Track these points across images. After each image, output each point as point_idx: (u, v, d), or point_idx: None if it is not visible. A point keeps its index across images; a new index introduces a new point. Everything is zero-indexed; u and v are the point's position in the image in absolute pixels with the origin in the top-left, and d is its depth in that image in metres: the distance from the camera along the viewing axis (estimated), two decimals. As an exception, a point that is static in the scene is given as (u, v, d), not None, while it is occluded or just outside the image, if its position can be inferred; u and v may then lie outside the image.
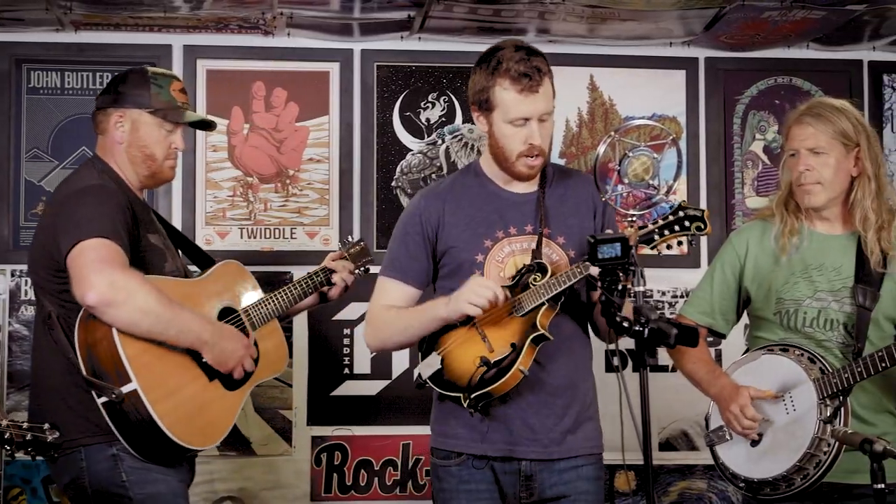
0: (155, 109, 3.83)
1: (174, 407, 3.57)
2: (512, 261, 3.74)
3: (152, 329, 3.52)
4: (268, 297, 4.05)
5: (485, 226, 3.77)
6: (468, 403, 3.61)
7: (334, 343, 5.45)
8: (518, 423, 3.71)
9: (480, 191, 3.83)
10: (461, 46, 5.52)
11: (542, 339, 3.59)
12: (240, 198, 5.44)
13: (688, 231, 3.41)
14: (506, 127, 3.68)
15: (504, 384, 3.57)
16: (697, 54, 5.69)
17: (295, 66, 5.49)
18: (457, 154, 5.55)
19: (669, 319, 3.20)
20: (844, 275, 3.89)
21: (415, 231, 3.83)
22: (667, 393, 5.32)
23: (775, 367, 3.86)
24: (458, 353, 3.68)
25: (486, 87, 3.69)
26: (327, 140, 5.49)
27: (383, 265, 3.90)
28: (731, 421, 3.85)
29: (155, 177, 3.90)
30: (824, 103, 3.94)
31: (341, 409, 5.44)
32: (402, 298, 3.83)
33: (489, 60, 3.70)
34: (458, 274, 3.76)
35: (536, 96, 3.64)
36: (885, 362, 3.66)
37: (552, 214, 3.79)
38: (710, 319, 4.08)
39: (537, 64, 3.64)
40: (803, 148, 3.87)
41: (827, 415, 3.70)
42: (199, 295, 3.83)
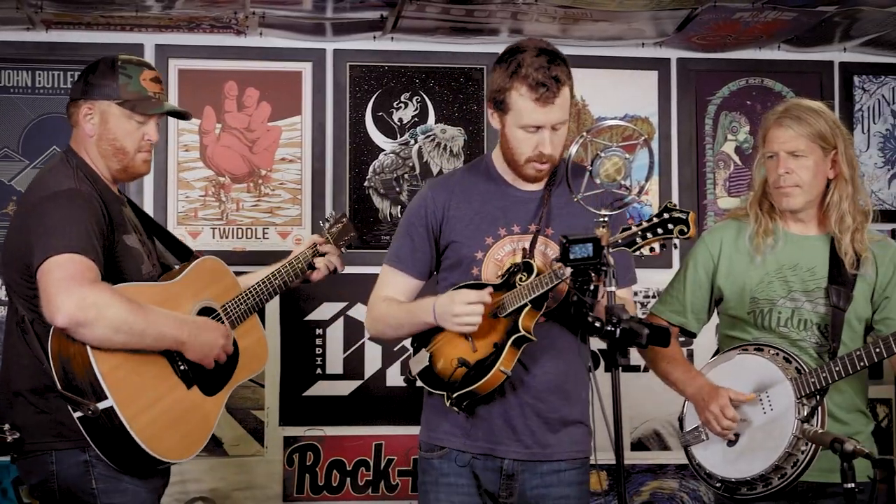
0: (123, 101, 3.72)
1: (152, 420, 3.50)
2: (511, 259, 3.74)
3: (127, 342, 3.44)
4: (247, 293, 3.96)
5: (488, 222, 3.78)
6: (450, 402, 3.63)
7: (306, 343, 5.46)
8: (500, 422, 3.72)
9: (488, 186, 3.83)
10: (434, 46, 5.53)
11: (524, 341, 3.59)
12: (212, 197, 5.44)
13: (670, 234, 3.39)
14: (518, 131, 3.67)
15: (485, 384, 3.58)
16: (669, 55, 5.71)
17: (267, 66, 5.49)
18: (429, 154, 5.56)
19: (641, 319, 3.21)
20: (818, 275, 3.91)
21: (419, 223, 3.84)
22: (639, 393, 5.35)
23: (751, 366, 3.88)
24: (444, 352, 3.71)
25: (503, 89, 3.65)
26: (300, 140, 5.50)
27: (388, 254, 3.92)
28: (710, 421, 3.86)
29: (127, 170, 3.79)
30: (803, 105, 3.94)
31: (313, 410, 5.45)
32: (404, 289, 3.85)
33: (509, 62, 3.66)
34: (457, 268, 3.79)
35: (552, 107, 3.61)
36: (863, 361, 3.69)
37: (556, 214, 3.78)
38: (683, 319, 4.10)
39: (557, 73, 3.60)
40: (783, 150, 3.88)
41: (804, 414, 3.72)
42: (177, 296, 3.73)
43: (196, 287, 3.83)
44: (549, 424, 3.75)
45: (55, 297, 3.36)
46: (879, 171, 5.82)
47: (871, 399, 4.85)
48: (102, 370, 3.41)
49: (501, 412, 3.72)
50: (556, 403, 3.76)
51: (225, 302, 3.88)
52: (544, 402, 3.74)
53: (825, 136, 3.86)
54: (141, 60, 3.87)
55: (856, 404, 3.95)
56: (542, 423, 3.74)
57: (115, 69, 3.74)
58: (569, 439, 3.78)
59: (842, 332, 3.86)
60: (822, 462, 3.70)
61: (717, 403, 3.82)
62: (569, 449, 3.78)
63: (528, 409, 3.73)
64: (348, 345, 5.47)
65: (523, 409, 3.73)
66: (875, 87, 5.82)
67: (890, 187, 5.83)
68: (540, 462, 3.74)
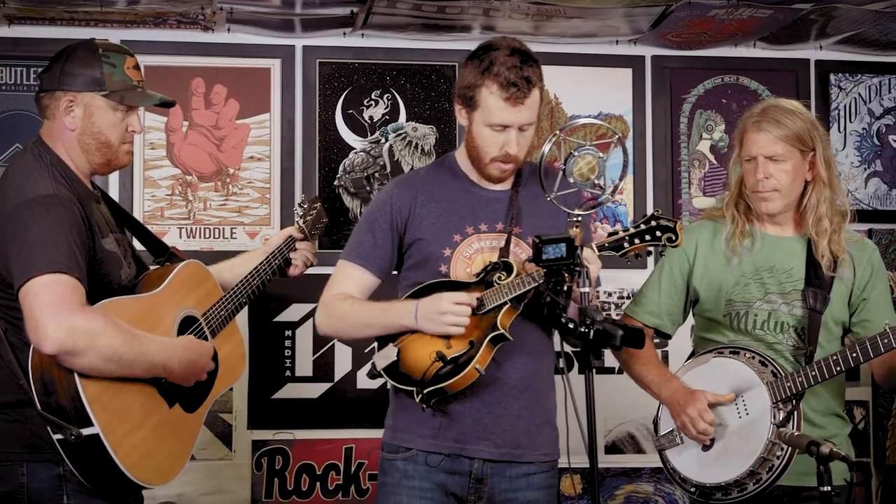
0: (110, 92, 3.55)
1: (135, 446, 3.42)
2: (480, 258, 3.73)
3: (116, 371, 3.35)
4: (227, 297, 3.91)
5: (455, 220, 3.77)
6: (420, 398, 3.59)
7: (275, 345, 5.43)
8: (470, 421, 3.70)
9: (454, 184, 3.83)
10: (405, 43, 5.52)
11: (501, 339, 3.59)
12: (178, 196, 5.41)
13: (658, 241, 3.43)
14: (485, 129, 3.67)
15: (458, 382, 3.57)
16: (644, 52, 5.71)
17: (235, 63, 5.47)
18: (400, 153, 5.55)
19: (615, 321, 3.21)
20: (795, 277, 3.92)
21: (383, 219, 3.81)
22: (613, 395, 5.35)
23: (726, 370, 3.87)
24: (415, 347, 3.67)
25: (473, 85, 3.66)
26: (268, 138, 5.48)
27: (346, 248, 3.88)
28: (686, 425, 3.84)
29: (110, 164, 3.67)
30: (780, 107, 3.92)
31: (282, 413, 5.43)
32: (361, 286, 3.82)
33: (482, 59, 3.66)
34: (424, 267, 3.77)
35: (521, 107, 3.62)
36: (839, 366, 3.69)
37: (524, 214, 3.79)
38: (657, 320, 4.09)
39: (528, 74, 3.61)
40: (761, 155, 3.87)
41: (780, 419, 3.72)
42: (159, 308, 3.63)
43: (178, 295, 3.75)
44: (521, 423, 3.74)
45: (43, 323, 3.23)
46: (856, 171, 5.83)
47: (848, 401, 4.88)
48: (88, 396, 3.30)
49: (472, 411, 3.71)
50: (527, 402, 3.75)
51: (206, 309, 3.82)
52: (517, 399, 3.73)
53: (803, 137, 3.86)
54: (120, 46, 3.70)
55: (832, 408, 3.96)
56: (513, 422, 3.73)
57: (97, 57, 3.57)
58: (540, 441, 3.78)
59: (818, 335, 3.86)
60: (798, 465, 3.71)
61: (694, 407, 3.81)
62: (539, 451, 3.78)
63: (499, 407, 3.72)
64: (318, 346, 5.45)
65: (495, 407, 3.71)
66: (851, 85, 5.84)
67: (867, 187, 5.84)
68: (509, 464, 3.73)
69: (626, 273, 5.38)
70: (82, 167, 3.63)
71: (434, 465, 3.72)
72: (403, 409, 3.78)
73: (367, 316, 3.75)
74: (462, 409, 3.70)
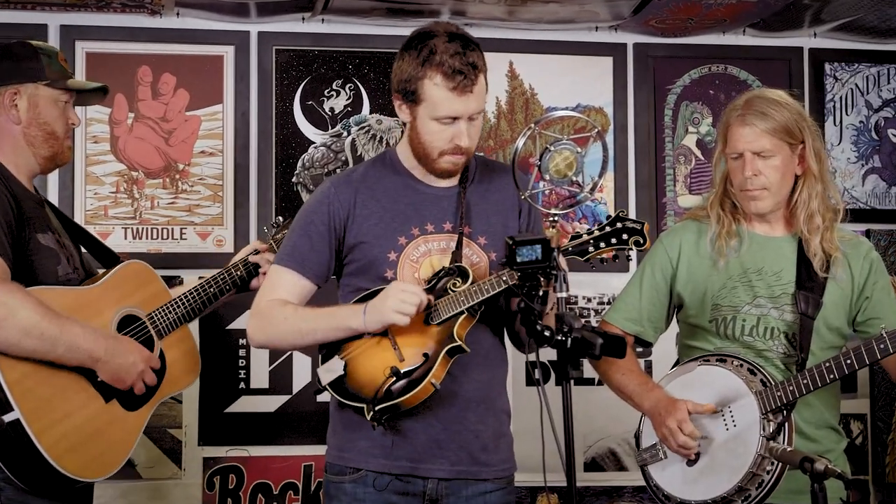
0: (51, 81, 3.75)
1: (63, 435, 3.46)
2: (428, 261, 3.71)
3: (37, 349, 3.41)
4: (178, 300, 3.94)
5: (399, 221, 3.74)
6: (371, 416, 3.55)
7: (229, 355, 5.41)
8: (424, 438, 3.68)
9: (396, 182, 3.80)
10: (369, 29, 5.51)
11: (458, 351, 3.57)
12: (124, 194, 5.39)
13: (625, 245, 3.44)
14: (432, 123, 3.65)
15: (413, 397, 3.54)
16: (625, 40, 5.72)
17: (185, 50, 5.45)
18: (364, 147, 5.53)
19: (594, 328, 3.20)
20: (785, 280, 3.92)
21: (320, 221, 3.77)
22: (592, 408, 5.35)
23: (713, 378, 3.86)
24: (364, 360, 3.64)
25: (413, 78, 3.63)
26: (221, 131, 5.47)
27: (280, 253, 3.84)
28: (666, 437, 3.84)
29: (56, 158, 3.81)
30: (766, 98, 3.92)
31: (236, 428, 5.41)
32: (297, 292, 3.77)
33: (419, 48, 3.63)
34: (368, 272, 3.73)
35: (470, 96, 3.61)
36: (833, 374, 3.69)
37: (474, 212, 3.77)
38: (638, 327, 4.08)
39: (473, 59, 3.60)
40: (748, 151, 3.86)
41: (770, 431, 3.71)
42: (97, 302, 3.70)
43: (119, 292, 3.79)
44: (477, 438, 3.72)
45: None
46: (853, 167, 5.85)
47: (845, 414, 4.88)
48: (8, 378, 3.37)
49: (426, 427, 3.68)
50: (483, 414, 3.74)
51: (152, 310, 3.85)
52: (473, 412, 3.72)
53: (791, 129, 3.86)
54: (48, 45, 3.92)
55: (826, 420, 3.96)
56: (469, 438, 3.71)
57: (34, 50, 3.76)
58: (497, 457, 3.77)
59: (811, 341, 3.86)
60: (789, 483, 3.70)
61: (674, 418, 3.81)
62: (497, 467, 3.76)
63: (455, 422, 3.70)
64: (275, 356, 5.44)
65: (450, 422, 3.69)
66: (847, 75, 5.85)
67: (864, 184, 5.85)
68: (465, 483, 3.71)
69: (606, 277, 5.38)
70: (28, 165, 3.75)
71: (382, 487, 3.69)
72: (348, 427, 3.74)
73: (311, 320, 3.70)
74: (415, 426, 3.67)
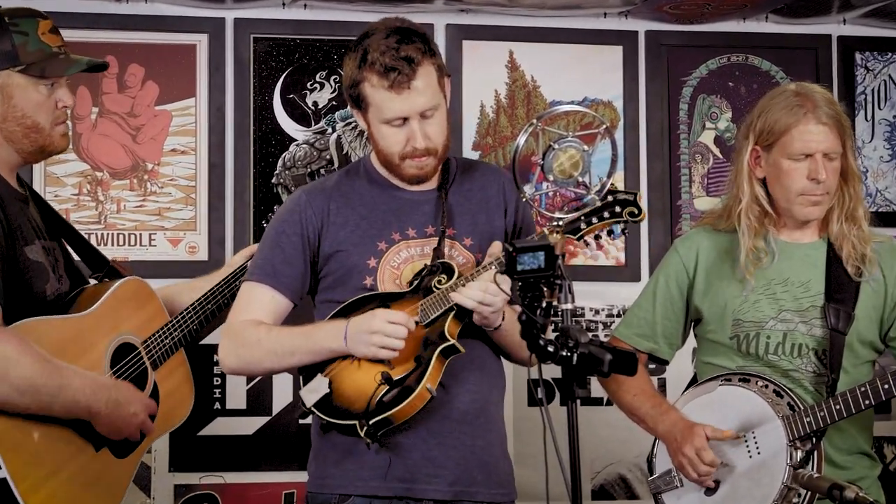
0: (27, 66, 3.57)
1: (52, 493, 3.41)
2: (410, 267, 3.74)
3: (31, 406, 3.34)
4: (174, 323, 3.89)
5: (378, 227, 3.77)
6: (366, 432, 3.55)
7: (202, 372, 5.39)
8: (417, 455, 3.68)
9: (372, 189, 3.84)
10: (355, 16, 5.51)
11: (452, 352, 3.58)
12: (87, 196, 5.40)
13: (619, 217, 3.46)
14: (382, 127, 3.70)
15: (409, 406, 3.54)
16: (636, 27, 5.73)
17: (154, 38, 5.46)
18: (350, 144, 5.54)
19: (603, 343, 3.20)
20: (813, 291, 3.91)
21: (293, 231, 3.79)
22: (601, 430, 5.35)
23: (735, 400, 3.86)
24: (350, 373, 3.65)
25: (355, 82, 3.70)
26: (194, 127, 5.48)
27: (251, 268, 3.85)
28: (684, 465, 3.83)
29: (44, 150, 3.68)
30: (821, 93, 3.89)
31: (211, 452, 5.41)
32: (272, 310, 3.78)
33: (356, 49, 3.70)
34: (346, 283, 3.75)
35: (410, 92, 3.63)
36: (868, 399, 3.67)
37: (457, 213, 3.81)
38: (652, 343, 4.08)
39: (408, 53, 3.62)
40: (820, 152, 3.82)
41: (797, 459, 3.70)
42: (91, 332, 3.63)
43: (115, 318, 3.73)
44: (475, 455, 3.74)
45: None
46: (886, 166, 5.85)
47: (878, 437, 4.87)
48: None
49: (419, 443, 3.69)
50: (481, 429, 3.76)
51: (147, 336, 3.81)
52: (469, 426, 3.73)
53: (846, 129, 3.87)
54: (29, 9, 3.68)
55: (858, 445, 3.95)
56: (466, 455, 3.73)
57: (3, 27, 3.57)
58: (495, 479, 3.78)
59: (842, 358, 3.84)
60: (818, 515, 3.70)
61: (692, 445, 3.80)
62: (497, 490, 3.78)
63: (450, 437, 3.71)
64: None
65: (445, 437, 3.70)
66: (880, 65, 5.86)
67: (898, 185, 5.87)
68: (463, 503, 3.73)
69: (615, 287, 5.39)
70: (9, 160, 3.64)
71: None
72: (333, 450, 3.74)
73: (287, 342, 3.70)
74: (407, 443, 3.68)
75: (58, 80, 3.64)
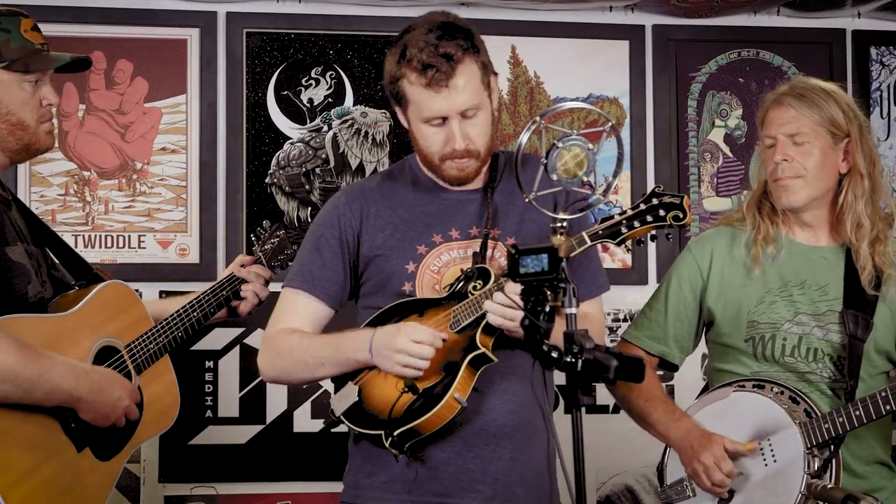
0: (10, 62, 3.60)
1: (30, 493, 3.42)
2: (451, 271, 3.71)
3: (11, 395, 3.36)
4: (158, 328, 3.90)
5: (419, 229, 3.75)
6: (390, 442, 3.54)
7: (193, 379, 5.42)
8: (453, 469, 3.66)
9: (416, 191, 3.82)
10: (352, 10, 5.52)
11: (483, 362, 3.55)
12: (74, 197, 5.40)
13: (663, 222, 3.42)
14: (422, 127, 3.68)
15: (436, 417, 3.51)
16: (643, 21, 5.74)
17: (143, 33, 5.46)
18: (347, 143, 5.54)
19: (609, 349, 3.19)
20: (831, 296, 3.91)
21: (331, 234, 3.79)
22: (607, 439, 5.35)
23: (749, 407, 3.85)
24: (379, 382, 3.63)
25: (395, 79, 3.68)
26: (184, 125, 5.48)
27: (289, 273, 3.84)
28: (699, 474, 3.82)
29: (30, 149, 3.71)
30: (810, 84, 3.93)
31: (202, 462, 5.42)
32: (312, 318, 3.78)
33: (397, 44, 3.69)
34: (385, 289, 3.73)
35: (448, 91, 3.61)
36: (889, 404, 3.66)
37: (502, 213, 3.77)
38: (663, 347, 4.09)
39: (447, 50, 3.60)
40: (781, 134, 3.87)
41: (815, 468, 3.70)
42: (73, 332, 3.65)
43: (97, 320, 3.75)
44: (515, 470, 3.70)
45: None
46: (902, 166, 5.87)
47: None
48: None
49: (454, 457, 3.66)
50: (521, 443, 3.71)
51: (131, 340, 3.82)
52: (509, 439, 3.69)
53: (836, 120, 3.87)
54: (10, 8, 3.71)
55: (876, 454, 3.95)
56: (506, 469, 3.69)
57: None
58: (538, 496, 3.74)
59: (860, 366, 3.84)
60: (834, 525, 3.70)
61: (710, 453, 3.79)
62: None
63: (487, 450, 3.68)
64: (246, 381, 5.45)
65: (482, 450, 3.68)
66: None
67: (915, 185, 5.87)
68: None
69: (622, 290, 5.39)
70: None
71: None
72: (367, 460, 3.74)
73: (318, 351, 3.70)
74: (442, 456, 3.66)
75: (42, 77, 3.67)
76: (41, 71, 3.67)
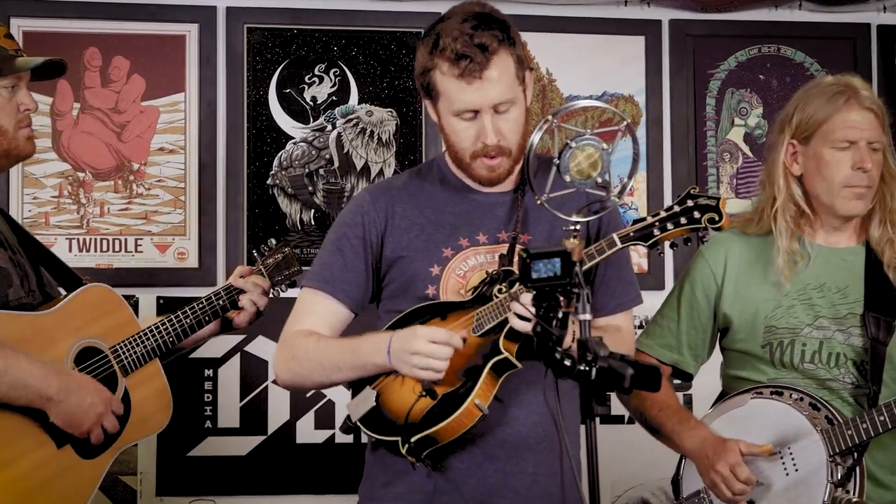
0: None
1: (6, 485, 3.47)
2: (477, 275, 3.68)
3: None
4: (146, 332, 3.92)
5: (445, 232, 3.73)
6: (407, 449, 3.51)
7: (192, 388, 5.41)
8: (473, 481, 3.63)
9: (444, 191, 3.80)
10: (356, 4, 5.52)
11: (506, 367, 3.51)
12: (68, 199, 5.40)
13: (698, 224, 3.41)
14: (453, 120, 3.64)
15: (455, 423, 3.48)
16: (660, 16, 5.73)
17: (140, 28, 5.46)
18: (352, 143, 5.53)
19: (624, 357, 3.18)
20: (852, 299, 3.89)
21: (354, 234, 3.76)
22: (622, 451, 5.34)
23: (769, 414, 3.84)
24: (397, 386, 3.60)
25: (427, 70, 3.64)
26: (183, 124, 5.48)
27: (309, 273, 3.82)
28: (716, 484, 3.80)
29: (10, 155, 3.78)
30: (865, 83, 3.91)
31: (201, 475, 5.41)
32: (331, 320, 3.75)
33: (430, 34, 3.66)
34: (408, 292, 3.71)
35: (482, 83, 3.57)
36: None
37: (533, 217, 3.74)
38: (676, 355, 4.07)
39: (482, 41, 3.57)
40: (865, 140, 3.84)
41: (839, 476, 3.68)
42: (51, 330, 3.70)
43: (79, 320, 3.79)
44: (539, 484, 3.68)
45: None
46: (927, 167, 5.84)
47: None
48: None
49: (474, 468, 3.64)
50: (546, 457, 3.69)
51: (116, 342, 3.84)
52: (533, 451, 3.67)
53: (886, 125, 3.88)
54: None
55: (901, 462, 3.94)
56: (529, 483, 3.67)
57: None
58: None
59: (883, 370, 3.83)
60: (859, 537, 3.68)
61: (725, 461, 3.77)
62: None
63: (509, 463, 3.65)
64: (247, 390, 5.45)
65: (504, 463, 3.65)
66: (923, 57, 5.87)
67: (941, 188, 5.85)
68: None
69: (638, 295, 5.38)
70: None
71: None
72: (383, 469, 3.71)
73: (334, 355, 3.67)
74: (462, 467, 3.63)
75: (18, 82, 3.74)
76: (15, 76, 3.72)
